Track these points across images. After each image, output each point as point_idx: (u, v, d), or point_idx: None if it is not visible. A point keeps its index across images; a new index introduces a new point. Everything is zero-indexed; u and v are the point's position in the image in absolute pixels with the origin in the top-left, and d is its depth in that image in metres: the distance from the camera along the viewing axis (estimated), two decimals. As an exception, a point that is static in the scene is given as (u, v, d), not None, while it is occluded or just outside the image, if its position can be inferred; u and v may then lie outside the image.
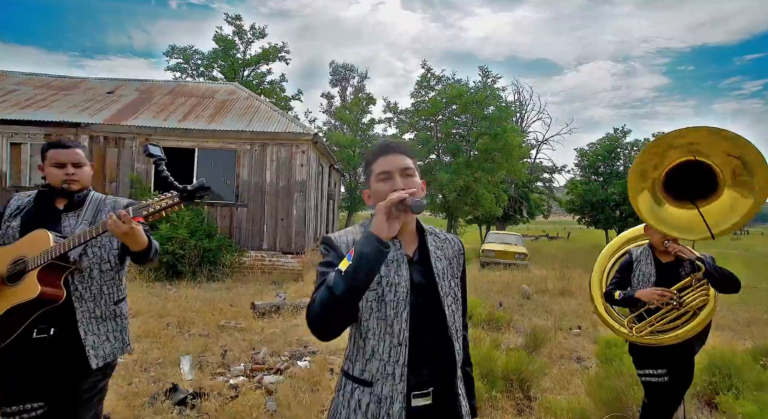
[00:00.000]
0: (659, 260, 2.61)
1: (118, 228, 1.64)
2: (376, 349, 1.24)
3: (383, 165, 1.29)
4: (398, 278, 1.26)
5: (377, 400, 1.24)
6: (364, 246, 1.11)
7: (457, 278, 1.38)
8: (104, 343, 1.87)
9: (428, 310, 1.29)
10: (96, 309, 1.86)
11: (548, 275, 11.68)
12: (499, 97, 13.11)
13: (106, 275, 1.90)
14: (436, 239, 1.39)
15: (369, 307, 1.25)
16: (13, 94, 10.86)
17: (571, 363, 5.03)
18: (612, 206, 26.70)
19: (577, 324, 6.90)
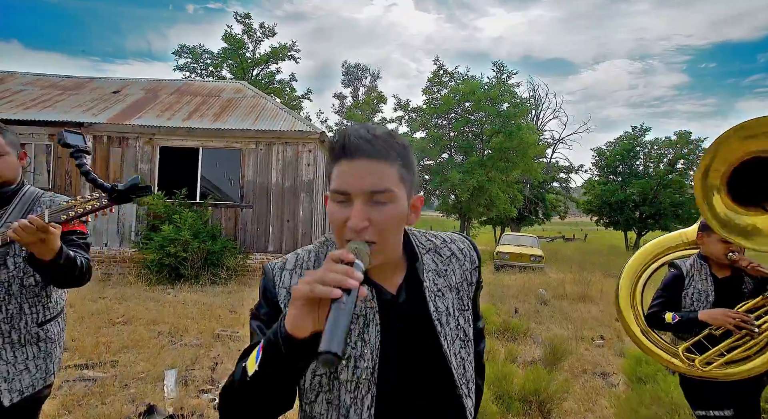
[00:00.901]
0: (715, 276, 2.13)
1: (27, 235, 1.29)
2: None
3: (342, 178, 0.77)
4: (362, 347, 0.82)
5: None
6: (270, 354, 0.69)
7: (467, 310, 0.94)
8: (22, 374, 1.52)
9: (420, 372, 0.85)
10: (12, 332, 1.51)
11: (566, 279, 11.15)
12: (513, 93, 12.63)
13: (28, 291, 1.54)
14: (437, 259, 0.93)
15: (317, 383, 0.84)
16: (20, 95, 10.78)
17: (595, 378, 4.56)
18: (631, 206, 25.83)
19: (600, 334, 6.40)
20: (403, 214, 0.80)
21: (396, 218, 0.78)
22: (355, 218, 0.74)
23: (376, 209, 0.76)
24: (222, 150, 9.86)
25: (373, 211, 0.76)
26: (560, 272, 13.00)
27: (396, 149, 0.79)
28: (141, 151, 9.66)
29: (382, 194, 0.76)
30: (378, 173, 0.76)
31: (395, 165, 0.78)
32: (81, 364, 3.89)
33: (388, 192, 0.77)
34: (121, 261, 9.48)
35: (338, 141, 0.79)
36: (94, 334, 4.68)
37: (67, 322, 1.82)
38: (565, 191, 28.91)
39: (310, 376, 0.83)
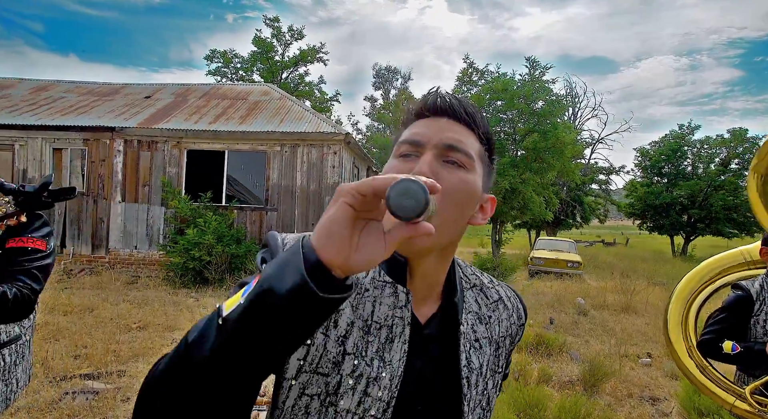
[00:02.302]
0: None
1: None
2: None
3: (416, 130, 0.65)
4: (379, 368, 0.61)
5: None
6: (279, 270, 0.42)
7: (500, 373, 0.74)
8: None
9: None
10: None
11: (607, 287, 10.41)
12: (549, 90, 11.99)
13: None
14: (481, 301, 0.74)
15: (302, 406, 0.59)
16: (60, 102, 11.16)
17: (643, 405, 4.04)
18: (678, 209, 24.25)
19: (647, 351, 5.79)
20: (474, 194, 0.64)
21: (466, 189, 0.63)
22: (422, 165, 0.60)
23: (447, 168, 0.62)
24: (248, 153, 9.80)
25: (443, 169, 0.61)
26: (600, 280, 12.21)
27: (483, 127, 0.68)
28: (169, 154, 9.74)
29: (458, 152, 0.62)
30: (459, 132, 0.64)
31: (478, 140, 0.67)
32: (87, 374, 3.76)
33: (466, 155, 0.63)
34: (149, 264, 9.58)
35: (423, 99, 0.67)
36: (106, 341, 4.58)
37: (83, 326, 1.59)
38: (604, 194, 27.51)
39: (295, 394, 0.59)
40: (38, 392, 3.31)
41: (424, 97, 0.68)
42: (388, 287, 0.64)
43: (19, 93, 11.59)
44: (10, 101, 10.96)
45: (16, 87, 11.98)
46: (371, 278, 0.66)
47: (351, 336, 0.61)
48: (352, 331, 0.61)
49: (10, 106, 10.64)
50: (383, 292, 0.64)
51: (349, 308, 0.63)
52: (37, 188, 1.09)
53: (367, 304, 0.63)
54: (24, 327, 1.52)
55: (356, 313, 0.63)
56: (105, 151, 9.76)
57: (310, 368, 0.59)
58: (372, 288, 0.65)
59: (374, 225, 0.45)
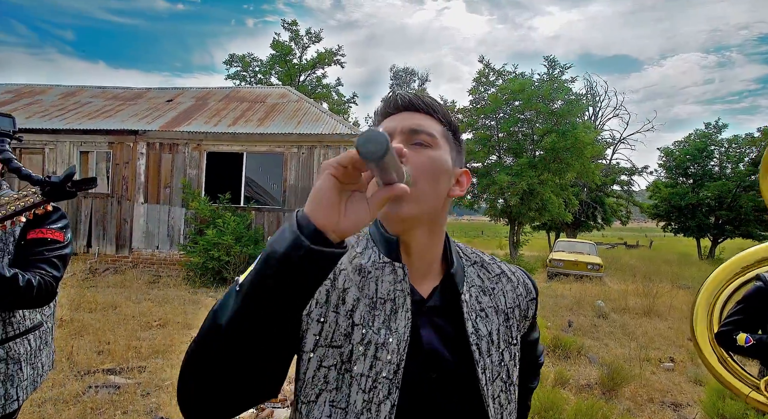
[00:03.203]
0: None
1: None
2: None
3: (385, 125, 0.74)
4: (386, 335, 0.67)
5: None
6: (279, 237, 0.52)
7: (515, 345, 0.77)
8: None
9: (447, 406, 0.67)
10: None
11: (628, 290, 10.17)
12: (568, 89, 11.77)
13: None
14: (483, 275, 0.79)
15: (321, 377, 0.66)
16: (87, 106, 11.54)
17: (665, 410, 3.93)
18: (705, 211, 23.51)
19: (669, 355, 5.63)
20: (442, 167, 0.71)
21: (436, 164, 0.70)
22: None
23: (415, 150, 0.69)
24: (265, 154, 9.95)
25: (411, 151, 0.68)
26: (622, 283, 11.93)
27: (441, 112, 0.75)
28: (189, 156, 9.96)
29: (421, 134, 0.70)
30: (421, 118, 0.72)
31: (438, 122, 0.74)
32: (110, 369, 3.87)
33: (430, 136, 0.71)
34: (170, 264, 9.80)
35: (386, 100, 0.76)
36: (128, 338, 4.71)
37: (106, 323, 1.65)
38: (627, 195, 26.87)
39: (314, 366, 0.66)
40: (63, 385, 3.44)
41: (386, 98, 0.76)
42: (387, 266, 0.71)
43: (50, 99, 12.03)
44: (42, 107, 11.39)
45: (48, 93, 12.45)
46: (372, 261, 0.72)
47: (358, 310, 0.68)
48: (359, 306, 0.68)
49: (41, 111, 11.06)
50: (383, 271, 0.71)
51: (355, 288, 0.70)
52: (62, 179, 1.15)
53: (371, 284, 0.70)
54: (45, 314, 1.59)
55: (362, 292, 0.69)
56: (129, 153, 10.05)
57: (324, 342, 0.66)
58: (374, 270, 0.71)
59: (358, 195, 0.54)
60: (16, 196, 1.18)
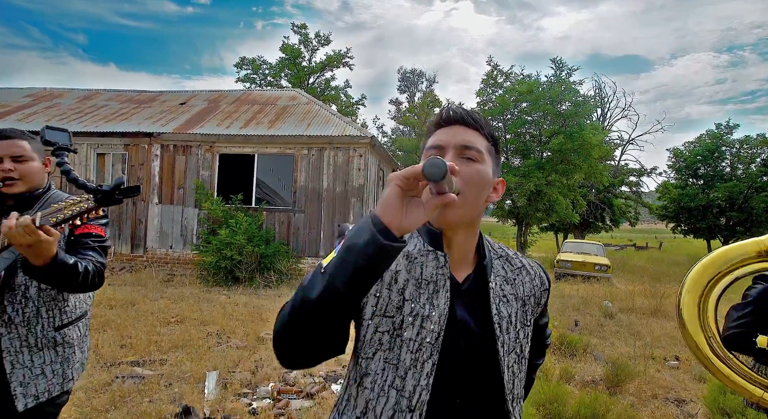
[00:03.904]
0: None
1: (20, 238, 1.25)
2: (372, 407, 0.82)
3: (438, 137, 0.88)
4: (430, 309, 0.83)
5: None
6: (357, 232, 0.68)
7: (529, 326, 0.93)
8: (38, 378, 1.51)
9: (475, 369, 0.85)
10: (29, 337, 1.50)
11: (636, 291, 10.20)
12: (575, 91, 11.84)
13: (46, 295, 1.53)
14: (506, 267, 0.94)
15: (377, 339, 0.82)
16: (103, 110, 11.85)
17: (668, 405, 4.03)
18: (716, 212, 23.34)
19: (674, 354, 5.71)
20: (487, 180, 0.85)
21: (481, 177, 0.84)
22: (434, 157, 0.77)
23: (464, 163, 0.83)
24: (276, 156, 10.15)
25: (461, 164, 0.82)
26: (630, 284, 11.95)
27: (487, 128, 0.88)
28: (202, 158, 10.20)
29: (471, 150, 0.83)
30: (470, 134, 0.85)
31: (484, 138, 0.87)
32: (133, 361, 4.07)
33: (477, 151, 0.84)
34: (183, 263, 10.04)
35: (439, 113, 0.89)
36: (148, 333, 4.91)
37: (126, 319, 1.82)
38: (635, 196, 26.75)
39: (371, 331, 0.82)
40: (92, 375, 3.63)
41: (440, 111, 0.90)
42: (430, 254, 0.87)
43: (67, 102, 12.36)
44: (60, 110, 11.71)
45: (65, 96, 12.78)
46: (418, 249, 0.88)
47: (407, 289, 0.84)
48: (408, 285, 0.84)
49: (59, 114, 11.37)
50: (428, 258, 0.87)
51: (405, 271, 0.85)
52: (111, 187, 1.30)
53: (417, 268, 0.86)
54: (87, 304, 1.76)
55: (410, 274, 0.85)
56: (144, 155, 10.31)
57: (380, 312, 0.82)
58: (419, 256, 0.87)
59: (416, 200, 0.69)
60: (71, 201, 1.33)
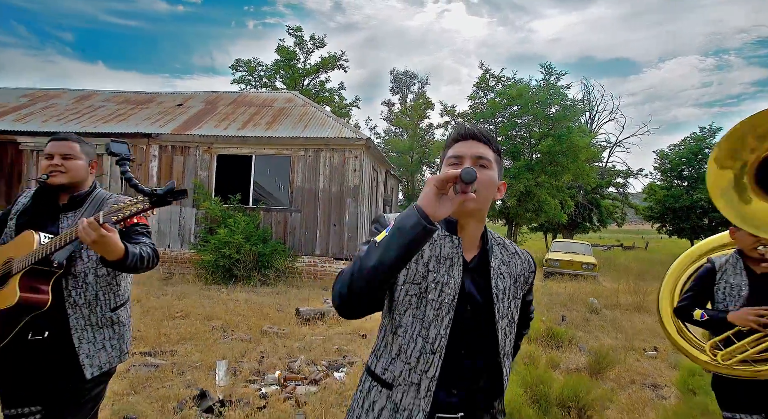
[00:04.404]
0: (752, 270, 2.06)
1: (87, 235, 1.50)
2: (404, 349, 1.11)
3: (457, 149, 1.15)
4: (447, 278, 1.11)
5: (393, 408, 1.10)
6: (404, 218, 0.95)
7: (518, 299, 1.22)
8: (100, 352, 1.76)
9: (477, 328, 1.13)
10: (91, 316, 1.75)
11: (620, 288, 10.59)
12: (563, 95, 12.25)
13: (102, 281, 1.77)
14: (503, 252, 1.22)
15: (407, 300, 1.12)
16: (100, 110, 11.96)
17: (644, 390, 4.36)
18: (699, 213, 23.98)
19: (653, 345, 6.07)
20: (495, 182, 1.13)
21: (491, 180, 1.12)
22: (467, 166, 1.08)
23: (479, 170, 1.10)
24: (273, 157, 10.37)
25: (477, 171, 1.06)
26: (615, 282, 12.35)
27: (494, 142, 1.16)
28: (200, 159, 10.38)
29: (483, 159, 1.12)
30: (481, 148, 1.13)
31: (492, 150, 1.15)
32: (146, 352, 4.29)
33: (488, 160, 1.12)
34: (181, 262, 10.21)
35: (457, 131, 1.19)
36: (157, 326, 5.13)
37: (133, 315, 2.08)
38: (622, 197, 27.35)
39: (403, 293, 1.11)
40: (109, 364, 3.86)
41: (458, 129, 1.19)
42: (447, 238, 1.14)
43: (64, 103, 12.44)
44: (57, 110, 11.80)
45: (62, 97, 12.85)
46: (438, 233, 1.15)
47: (431, 263, 1.12)
48: (431, 260, 1.12)
49: (57, 115, 11.47)
50: (445, 241, 1.14)
51: (428, 249, 1.13)
52: (165, 191, 1.56)
53: (437, 247, 1.13)
54: (129, 289, 2.02)
55: (432, 252, 1.13)
56: (142, 156, 10.46)
57: (409, 280, 1.11)
58: (439, 239, 1.14)
59: (445, 197, 0.96)
60: (129, 202, 1.58)
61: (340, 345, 5.02)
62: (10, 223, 1.83)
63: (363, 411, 1.15)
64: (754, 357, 1.95)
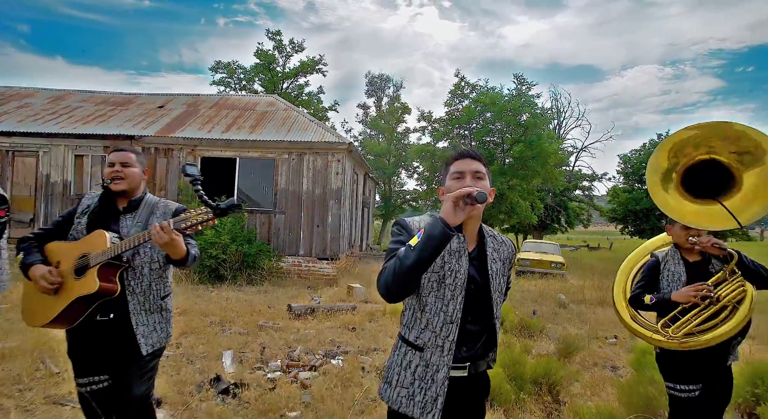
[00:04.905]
0: (687, 260, 2.54)
1: (160, 239, 1.86)
2: (431, 322, 1.50)
3: (458, 166, 1.52)
4: (458, 267, 1.50)
5: (425, 365, 1.50)
6: (432, 227, 1.31)
7: (506, 276, 1.65)
8: (152, 333, 2.10)
9: (479, 300, 1.53)
10: (145, 303, 2.08)
11: (586, 285, 11.37)
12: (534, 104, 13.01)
13: (154, 273, 2.11)
14: (494, 241, 1.63)
15: (430, 285, 1.50)
16: (78, 111, 11.86)
17: (605, 371, 4.95)
18: (658, 215, 25.52)
19: (614, 334, 6.73)
20: (488, 189, 1.51)
21: (487, 189, 1.50)
22: (467, 182, 1.48)
23: (476, 181, 1.49)
24: (257, 160, 10.61)
25: (476, 183, 1.48)
26: (581, 279, 13.17)
27: (484, 159, 1.57)
28: (184, 161, 10.49)
29: (479, 173, 1.51)
30: (477, 164, 1.51)
31: (484, 166, 1.54)
32: (151, 345, 4.55)
33: (482, 173, 1.52)
34: (165, 262, 10.29)
35: (457, 151, 1.58)
36: (156, 322, 5.36)
37: None
38: (588, 200, 28.73)
39: (426, 280, 1.48)
40: (121, 355, 4.11)
41: (457, 151, 1.59)
42: (455, 235, 1.42)
43: (39, 102, 12.25)
44: (32, 110, 11.62)
45: (35, 96, 12.63)
46: None
47: (445, 255, 1.50)
48: (445, 253, 1.50)
49: (33, 114, 11.31)
50: (454, 238, 1.49)
51: None
52: (227, 206, 1.94)
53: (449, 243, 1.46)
54: (171, 283, 2.36)
55: (445, 248, 1.47)
56: (124, 157, 10.48)
57: (431, 270, 1.48)
58: None
59: (458, 208, 1.35)
60: (196, 213, 1.95)
61: (332, 337, 5.40)
62: (79, 220, 2.15)
63: (402, 368, 1.54)
64: (697, 329, 2.36)
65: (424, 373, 1.49)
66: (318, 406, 3.38)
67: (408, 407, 1.50)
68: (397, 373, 1.54)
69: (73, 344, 2.12)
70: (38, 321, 2.02)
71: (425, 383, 1.49)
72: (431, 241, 1.30)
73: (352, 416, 3.27)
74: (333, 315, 6.52)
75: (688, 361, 2.41)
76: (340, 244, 10.58)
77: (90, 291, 1.93)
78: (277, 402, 3.34)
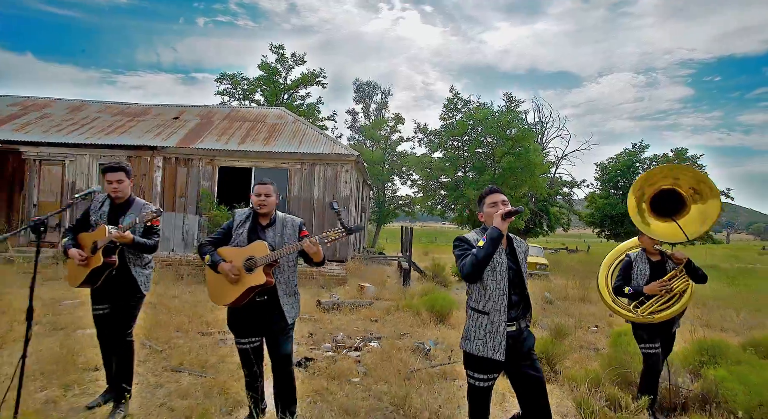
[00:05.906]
0: (651, 260, 3.68)
1: (310, 249, 2.83)
2: (491, 295, 2.41)
3: (492, 199, 2.48)
4: (501, 260, 2.44)
5: (490, 322, 2.41)
6: (492, 233, 2.31)
7: (525, 263, 2.56)
8: (291, 309, 3.05)
9: (516, 279, 2.45)
10: (287, 289, 3.04)
11: (568, 284, 12.57)
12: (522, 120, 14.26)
13: (290, 269, 3.07)
14: (515, 241, 2.56)
15: (487, 273, 2.42)
16: (98, 121, 12.51)
17: (589, 350, 6.06)
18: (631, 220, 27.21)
19: (595, 324, 7.88)
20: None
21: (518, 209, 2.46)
22: (502, 206, 2.46)
23: (505, 205, 2.46)
24: (272, 170, 11.48)
25: (504, 206, 2.46)
26: (563, 279, 14.40)
27: (502, 190, 2.60)
28: (203, 170, 11.30)
29: (505, 201, 2.50)
30: (503, 196, 2.50)
31: (503, 195, 2.53)
32: (218, 331, 5.43)
33: (507, 201, 2.51)
34: (186, 264, 11.05)
35: (488, 189, 2.58)
36: (210, 312, 6.23)
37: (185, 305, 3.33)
38: (568, 205, 30.33)
39: (486, 270, 2.36)
40: (188, 335, 4.99)
41: (487, 189, 2.61)
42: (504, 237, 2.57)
43: (58, 112, 12.84)
44: (54, 121, 12.23)
45: (53, 107, 13.21)
46: None
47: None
48: None
49: (55, 125, 11.93)
50: None
51: None
52: (355, 228, 2.91)
53: None
54: None
55: None
56: (146, 167, 11.23)
57: None
58: None
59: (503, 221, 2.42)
60: (333, 232, 2.88)
61: (362, 326, 6.36)
62: (241, 232, 3.08)
63: (476, 328, 2.41)
64: (657, 308, 3.49)
65: (491, 328, 2.40)
66: (372, 373, 4.35)
67: (483, 350, 2.42)
68: (473, 331, 2.42)
69: (233, 317, 3.06)
70: (223, 301, 2.97)
71: (492, 334, 2.41)
72: (493, 241, 2.29)
73: (399, 380, 4.26)
74: (355, 309, 7.47)
75: (653, 329, 3.54)
76: (348, 247, 11.51)
77: (260, 282, 2.87)
78: (341, 371, 4.30)
